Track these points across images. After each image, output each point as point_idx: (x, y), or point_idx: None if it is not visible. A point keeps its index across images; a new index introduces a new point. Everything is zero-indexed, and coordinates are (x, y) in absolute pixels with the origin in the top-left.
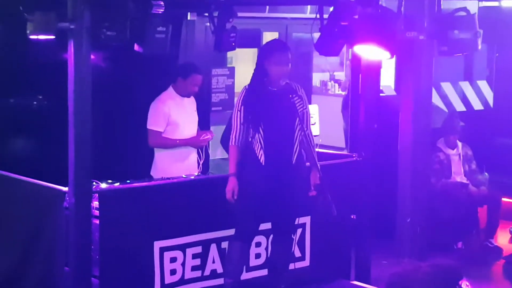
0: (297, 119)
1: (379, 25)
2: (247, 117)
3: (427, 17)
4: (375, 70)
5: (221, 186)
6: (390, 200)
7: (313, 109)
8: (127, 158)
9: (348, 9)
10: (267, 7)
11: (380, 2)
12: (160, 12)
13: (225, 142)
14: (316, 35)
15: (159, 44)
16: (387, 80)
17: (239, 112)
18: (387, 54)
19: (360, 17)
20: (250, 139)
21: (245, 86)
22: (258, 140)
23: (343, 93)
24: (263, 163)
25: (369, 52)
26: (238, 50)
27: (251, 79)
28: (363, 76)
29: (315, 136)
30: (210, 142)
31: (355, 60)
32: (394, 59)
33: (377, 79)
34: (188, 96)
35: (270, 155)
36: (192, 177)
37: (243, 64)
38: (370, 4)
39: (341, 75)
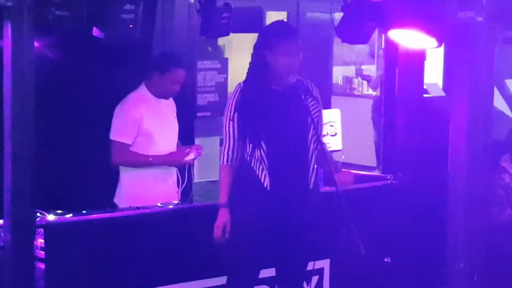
0: (312, 127)
1: (423, 3)
2: (243, 127)
3: None
4: (417, 63)
5: (208, 218)
6: (437, 237)
7: (334, 115)
8: (84, 180)
9: None
10: None
11: None
12: None
13: None
14: (338, 15)
15: (127, 28)
16: (433, 76)
17: (231, 122)
18: (433, 41)
19: None
20: (247, 157)
21: (239, 85)
22: (259, 157)
23: (374, 93)
24: (268, 188)
25: (409, 39)
26: (233, 36)
27: (248, 75)
28: (401, 71)
29: (336, 151)
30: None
31: (390, 50)
32: (442, 48)
33: (419, 75)
34: (166, 98)
35: (277, 178)
36: (171, 206)
37: (239, 54)
38: None
39: (371, 69)
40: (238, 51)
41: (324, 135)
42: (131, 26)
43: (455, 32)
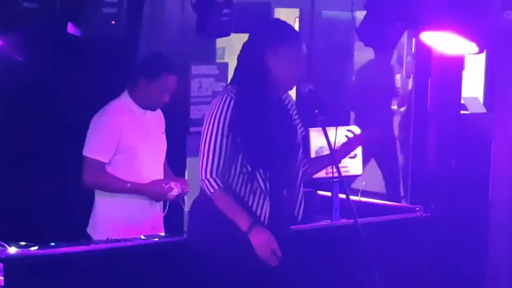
0: (300, 150)
1: (461, 1)
2: (239, 148)
3: None
4: (453, 72)
5: (201, 254)
6: (476, 280)
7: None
8: (53, 206)
9: None
10: None
11: None
12: None
13: None
14: (360, 14)
15: (108, 24)
16: (473, 89)
17: (225, 139)
18: (473, 47)
19: None
20: (238, 188)
21: (230, 94)
22: (258, 187)
23: (401, 109)
24: (266, 222)
25: (444, 43)
26: (234, 36)
27: (242, 83)
28: (434, 81)
29: (356, 175)
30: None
31: (422, 57)
32: (484, 56)
33: (456, 87)
34: (153, 109)
35: (275, 210)
36: (156, 239)
37: None
38: None
39: (398, 79)
40: None
41: (352, 157)
42: (113, 22)
43: (499, 35)
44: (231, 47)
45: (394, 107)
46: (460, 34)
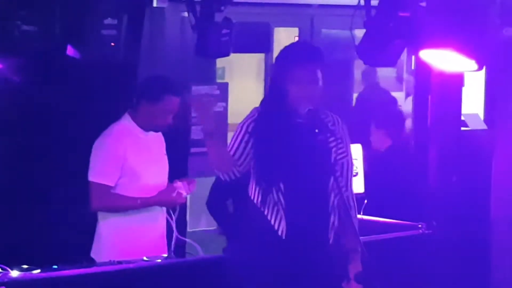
0: (332, 173)
1: (460, 18)
2: (257, 164)
3: None
4: (453, 89)
5: (205, 275)
6: None
7: (354, 151)
8: (56, 229)
9: None
10: None
11: None
12: None
13: (213, 205)
14: (360, 32)
15: (108, 46)
16: (473, 106)
17: (243, 143)
18: (472, 64)
19: (430, 4)
20: (256, 201)
21: (256, 109)
22: (275, 202)
23: None
24: (283, 237)
25: (444, 60)
26: (234, 56)
27: (263, 103)
28: (434, 99)
29: (358, 194)
30: (188, 199)
31: (421, 74)
32: (483, 72)
33: (456, 104)
34: (157, 130)
35: (295, 225)
36: (159, 261)
37: (242, 78)
38: None
39: (398, 96)
40: (241, 75)
41: (353, 175)
42: (112, 44)
43: (498, 52)
44: (231, 66)
45: None
46: (459, 51)
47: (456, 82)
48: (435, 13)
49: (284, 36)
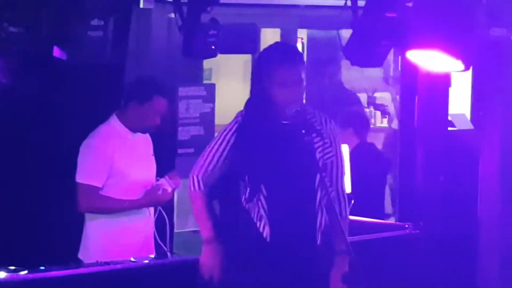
0: (318, 172)
1: (447, 19)
2: (240, 165)
3: None
4: (440, 89)
5: (191, 275)
6: None
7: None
8: (43, 231)
9: None
10: None
11: None
12: None
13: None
14: (347, 33)
15: (94, 48)
16: (460, 106)
17: (222, 149)
18: (459, 64)
19: (417, 5)
20: (244, 201)
21: (240, 113)
22: (258, 205)
23: (388, 126)
24: (268, 240)
25: (431, 61)
26: (221, 57)
27: (247, 106)
28: (421, 99)
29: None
30: (175, 200)
31: (408, 74)
32: (470, 73)
33: (443, 104)
34: (145, 132)
35: (279, 228)
36: (146, 261)
37: (229, 79)
38: None
39: (385, 97)
40: (228, 76)
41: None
42: (99, 45)
43: (485, 52)
44: (218, 67)
45: (383, 124)
46: (446, 52)
47: (443, 82)
48: (421, 14)
49: (270, 36)
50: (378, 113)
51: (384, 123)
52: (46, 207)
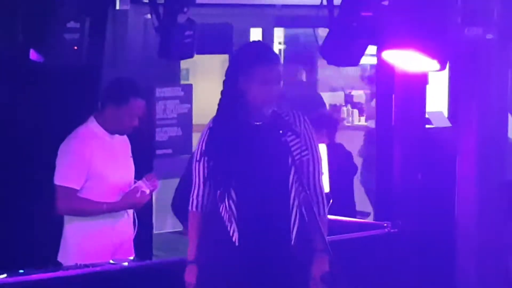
0: (293, 171)
1: (421, 18)
2: (211, 171)
3: (498, 4)
4: (417, 87)
5: (171, 277)
6: None
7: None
8: (22, 233)
9: None
10: None
11: None
12: None
13: (178, 206)
14: (323, 32)
15: (70, 50)
16: (437, 104)
17: (197, 164)
18: (435, 64)
19: (392, 5)
20: (217, 204)
21: (210, 121)
22: (227, 209)
23: (366, 123)
24: (236, 243)
25: (406, 61)
26: (198, 57)
27: (218, 108)
28: (398, 97)
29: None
30: (154, 201)
31: (384, 72)
32: (447, 71)
33: (420, 101)
34: (122, 133)
35: (249, 232)
36: (125, 264)
37: (206, 79)
38: None
39: (362, 95)
40: (205, 76)
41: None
42: (75, 47)
43: (461, 52)
44: (195, 68)
45: (361, 122)
46: (421, 51)
47: (420, 80)
48: (396, 14)
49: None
50: (356, 111)
51: (362, 121)
52: (25, 210)
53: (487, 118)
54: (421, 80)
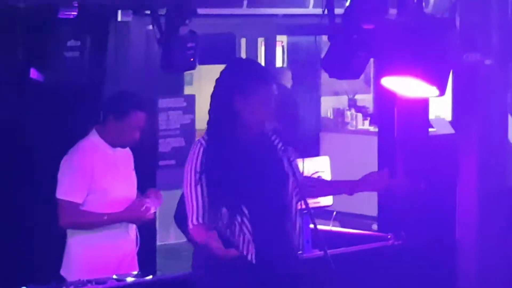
0: (291, 178)
1: (421, 45)
2: (215, 194)
3: (496, 30)
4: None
5: None
6: None
7: (322, 163)
8: (25, 248)
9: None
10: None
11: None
12: (72, 17)
13: (181, 217)
14: (326, 39)
15: (71, 68)
16: (440, 110)
17: (198, 186)
18: (434, 90)
19: (389, 32)
20: (224, 223)
21: (199, 142)
22: (240, 225)
23: (371, 128)
24: (253, 261)
25: (405, 86)
26: (201, 67)
27: (211, 129)
28: (401, 103)
29: (327, 206)
30: (157, 213)
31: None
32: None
33: (424, 109)
34: (124, 146)
35: (263, 247)
36: (129, 279)
37: (209, 84)
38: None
39: (366, 99)
40: (209, 80)
41: None
42: (76, 66)
43: (460, 76)
44: (199, 72)
45: (365, 126)
46: (421, 78)
47: None
48: (394, 40)
49: (248, 45)
50: (360, 115)
51: (366, 125)
52: (28, 224)
53: (488, 124)
54: None
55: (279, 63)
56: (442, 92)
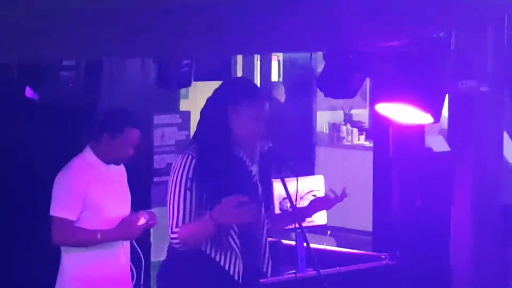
0: (262, 204)
1: (415, 72)
2: (207, 202)
3: (492, 57)
4: None
5: None
6: None
7: (317, 183)
8: (18, 266)
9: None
10: None
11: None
12: None
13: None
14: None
15: (66, 88)
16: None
17: (188, 192)
18: (428, 117)
19: (383, 59)
20: (205, 247)
21: (189, 152)
22: (228, 245)
23: (366, 143)
24: (240, 280)
25: (399, 113)
26: (196, 83)
27: (203, 142)
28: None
29: (321, 225)
30: (151, 229)
31: None
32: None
33: (419, 126)
34: (118, 163)
35: (248, 266)
36: None
37: (206, 97)
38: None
39: (362, 114)
40: (204, 94)
41: None
42: (70, 84)
43: (455, 102)
44: (195, 86)
45: (361, 141)
46: (415, 106)
47: None
48: (388, 68)
49: (245, 61)
50: (355, 130)
51: (361, 140)
52: (21, 241)
53: (482, 143)
54: None
55: (274, 77)
56: (436, 119)
